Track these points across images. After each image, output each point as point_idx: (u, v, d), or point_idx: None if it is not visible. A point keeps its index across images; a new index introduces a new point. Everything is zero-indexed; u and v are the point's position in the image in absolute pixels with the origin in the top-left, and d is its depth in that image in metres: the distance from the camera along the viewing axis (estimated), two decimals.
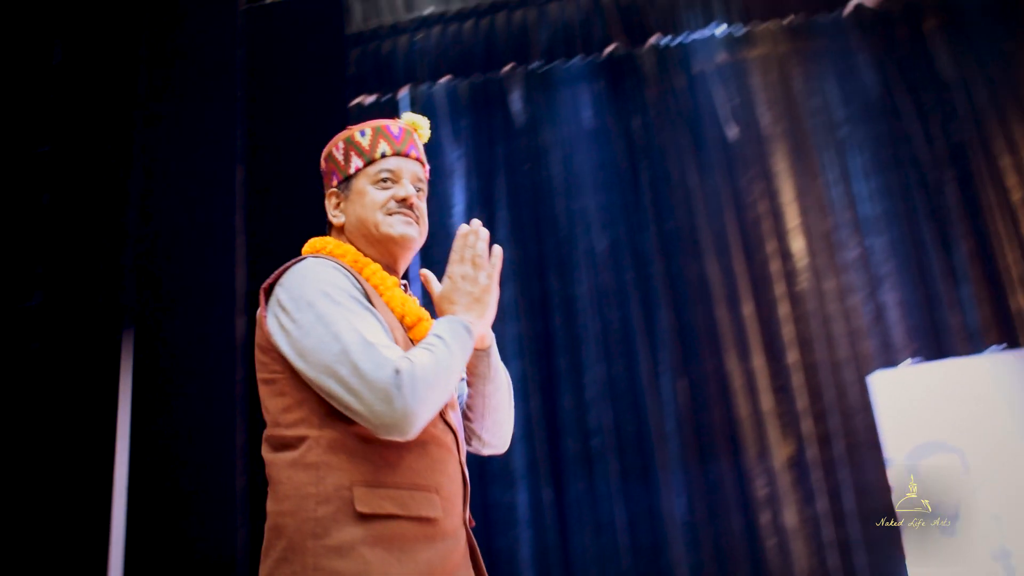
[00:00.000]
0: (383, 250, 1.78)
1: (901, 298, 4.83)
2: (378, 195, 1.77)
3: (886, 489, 4.36)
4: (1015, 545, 3.99)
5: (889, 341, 4.79)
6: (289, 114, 4.81)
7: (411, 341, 1.71)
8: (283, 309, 1.60)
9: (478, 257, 1.70)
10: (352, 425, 1.55)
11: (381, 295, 1.72)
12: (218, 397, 4.35)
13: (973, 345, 4.71)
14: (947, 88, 5.01)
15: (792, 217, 4.96)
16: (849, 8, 5.06)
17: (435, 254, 5.00)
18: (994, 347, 4.63)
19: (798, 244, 4.92)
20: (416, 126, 1.89)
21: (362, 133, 1.81)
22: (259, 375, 1.68)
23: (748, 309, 4.89)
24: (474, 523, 1.71)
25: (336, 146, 1.84)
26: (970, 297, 4.78)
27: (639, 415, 4.87)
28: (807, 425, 4.72)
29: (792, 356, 4.80)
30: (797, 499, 4.65)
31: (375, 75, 5.23)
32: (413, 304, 1.74)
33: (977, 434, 4.25)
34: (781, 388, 4.80)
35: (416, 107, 5.27)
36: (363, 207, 1.77)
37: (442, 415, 1.69)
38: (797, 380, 4.77)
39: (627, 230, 5.04)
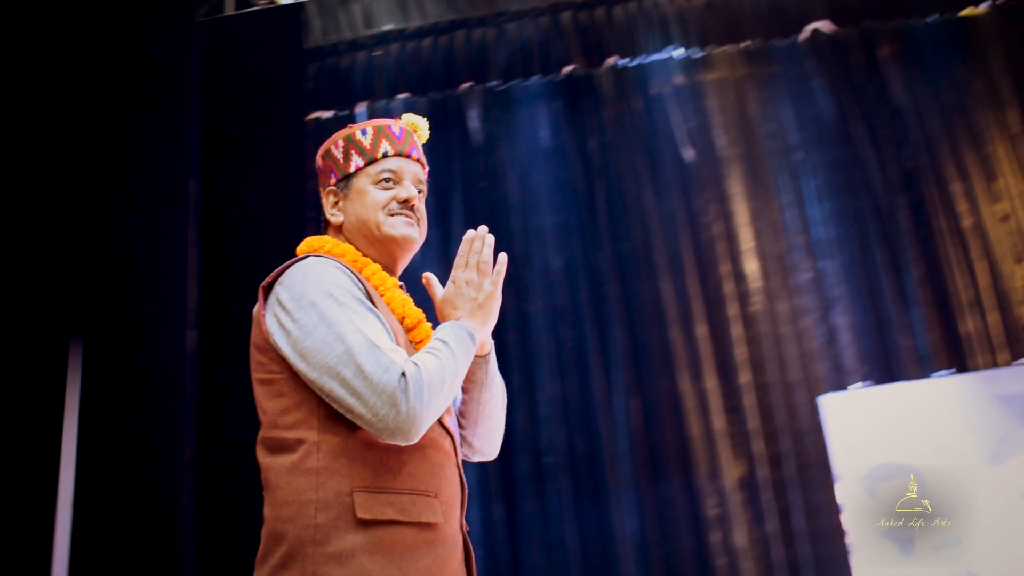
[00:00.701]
0: (383, 250, 1.84)
1: (852, 321, 5.11)
2: (380, 195, 1.82)
3: (835, 510, 4.63)
4: (980, 568, 4.25)
5: (840, 363, 5.06)
6: (245, 128, 5.02)
7: (411, 343, 1.77)
8: (283, 308, 1.64)
9: (483, 263, 1.78)
10: (353, 429, 1.59)
11: (382, 295, 1.77)
12: (167, 410, 4.53)
13: (923, 369, 4.99)
14: (900, 115, 5.33)
15: (746, 239, 5.24)
16: (805, 34, 5.38)
17: None
18: (943, 371, 4.93)
19: (752, 266, 5.20)
20: (416, 127, 1.96)
21: (363, 132, 1.87)
22: (255, 375, 1.71)
23: (701, 330, 5.16)
24: (468, 527, 1.76)
25: (335, 144, 1.89)
26: (920, 321, 5.07)
27: (592, 434, 5.11)
28: (758, 446, 4.97)
29: (744, 377, 5.06)
30: (747, 519, 4.89)
31: (332, 90, 5.48)
32: (413, 305, 1.81)
33: (928, 457, 4.52)
34: (733, 408, 5.06)
35: None
36: (364, 207, 1.82)
37: (440, 419, 1.74)
38: (749, 401, 5.03)
39: (583, 249, 5.31)
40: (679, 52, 5.40)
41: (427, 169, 1.95)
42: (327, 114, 5.47)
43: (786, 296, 5.17)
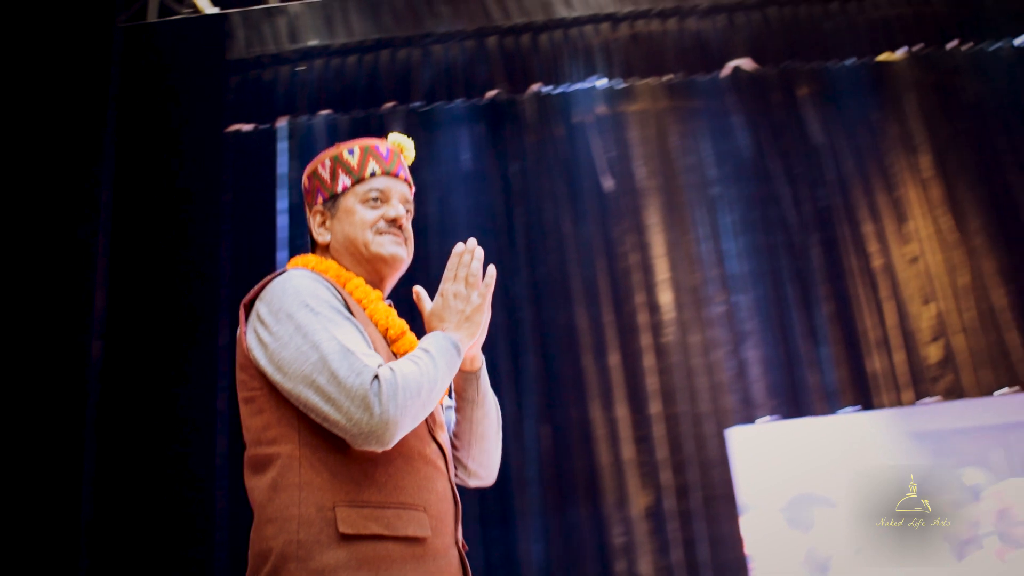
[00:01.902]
0: (370, 269, 1.96)
1: (763, 355, 5.62)
2: (368, 214, 1.95)
3: (739, 541, 5.10)
4: None
5: (749, 397, 5.56)
6: (163, 137, 5.39)
7: (394, 355, 1.86)
8: (262, 322, 1.75)
9: (471, 276, 1.90)
10: (335, 442, 1.68)
11: (364, 308, 1.88)
12: (68, 421, 4.84)
13: (829, 405, 5.51)
14: (817, 154, 5.91)
15: (662, 270, 5.75)
16: (726, 71, 5.94)
17: None
18: (849, 408, 5.46)
19: (666, 297, 5.70)
20: (402, 147, 2.10)
21: (350, 152, 2.00)
22: (240, 395, 1.82)
23: (614, 359, 5.63)
24: (467, 548, 1.86)
25: (322, 163, 2.02)
26: (829, 358, 5.60)
27: (501, 460, 5.51)
28: (666, 476, 5.44)
29: (655, 407, 5.53)
30: (653, 548, 5.33)
31: (254, 103, 5.88)
32: (397, 318, 1.92)
33: (840, 490, 5.00)
34: (642, 438, 5.52)
35: (294, 139, 5.92)
36: (352, 226, 1.94)
37: (431, 433, 1.85)
38: (658, 431, 5.49)
39: (499, 274, 5.71)
40: (602, 82, 5.93)
41: (414, 189, 2.10)
42: (247, 127, 5.85)
43: (698, 328, 5.67)
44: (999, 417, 5.30)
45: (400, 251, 1.98)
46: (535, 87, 5.93)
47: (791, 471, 5.13)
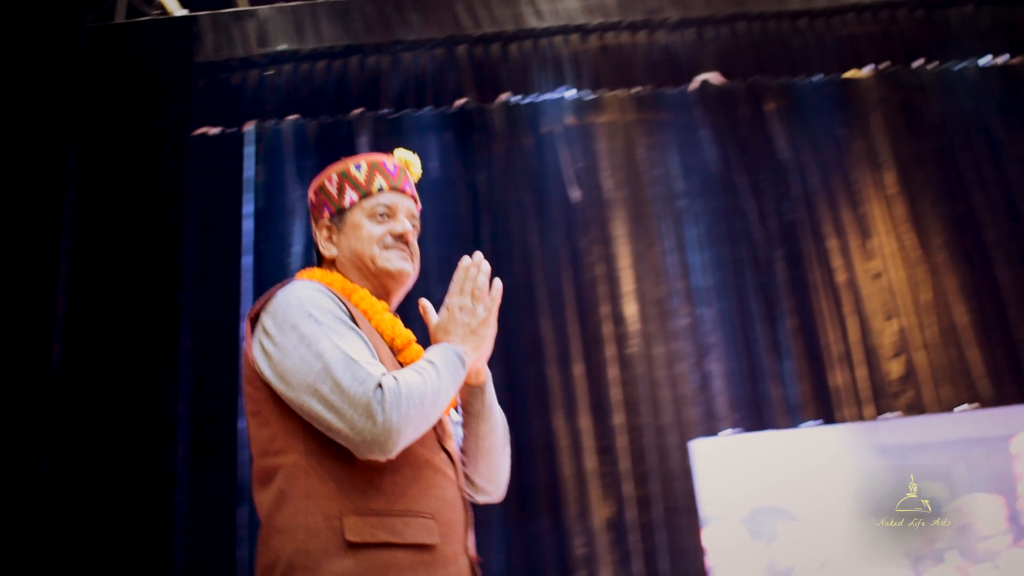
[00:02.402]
0: (377, 283, 2.03)
1: (726, 368, 5.84)
2: (375, 229, 2.03)
3: (700, 553, 5.30)
4: None
5: (712, 410, 5.78)
6: (129, 138, 5.55)
7: (400, 364, 1.92)
8: (267, 334, 1.82)
9: (477, 289, 1.95)
10: (340, 451, 1.74)
11: (370, 319, 1.95)
12: (27, 424, 4.98)
13: (791, 418, 5.74)
14: (783, 169, 6.16)
15: (627, 282, 5.96)
16: (695, 84, 6.18)
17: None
18: (811, 422, 5.69)
19: (631, 309, 5.91)
20: (408, 163, 2.18)
21: (357, 167, 2.09)
22: (247, 409, 1.89)
23: (578, 369, 5.83)
24: (480, 559, 1.94)
25: (329, 178, 2.11)
26: (791, 372, 5.83)
27: None
28: (628, 487, 5.63)
29: (618, 418, 5.73)
30: (614, 560, 5.52)
31: (221, 107, 6.03)
32: (403, 328, 2.00)
33: (801, 504, 5.21)
34: (605, 449, 5.71)
35: (261, 143, 6.10)
36: (359, 240, 2.02)
37: (440, 442, 1.92)
38: (621, 442, 5.69)
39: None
40: (571, 93, 6.15)
41: (420, 205, 2.19)
42: (214, 130, 6.01)
43: (663, 340, 5.88)
44: (960, 433, 5.52)
45: (407, 266, 2.06)
46: (504, 96, 6.14)
47: (753, 484, 5.33)
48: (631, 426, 5.73)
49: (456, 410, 2.15)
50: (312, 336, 1.75)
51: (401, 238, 2.05)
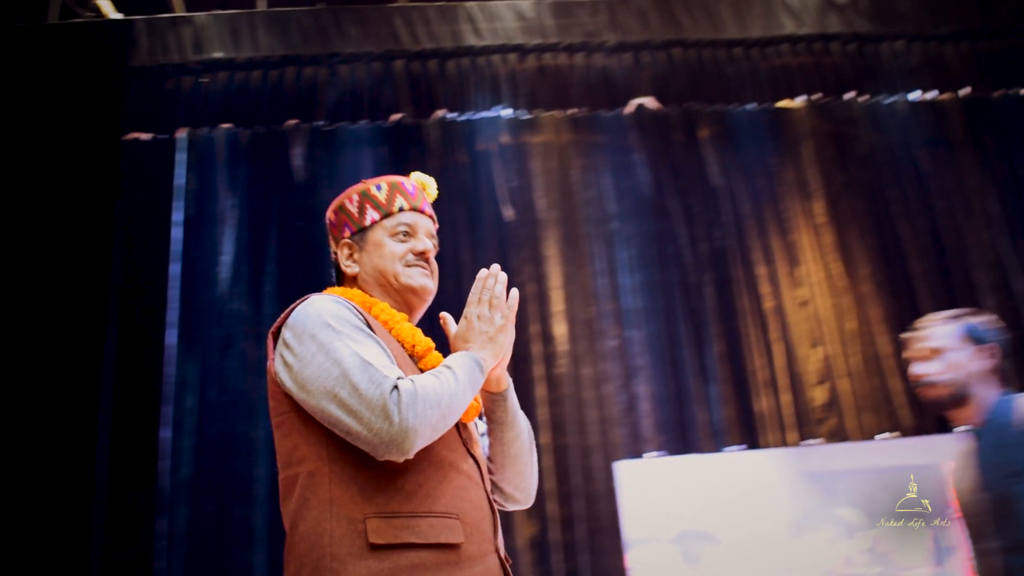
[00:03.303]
0: (399, 300, 2.20)
1: (653, 391, 6.23)
2: (397, 247, 2.20)
3: (623, 574, 5.62)
4: None
5: (638, 432, 6.14)
6: (58, 141, 5.77)
7: (421, 371, 2.06)
8: (287, 346, 1.97)
9: (495, 298, 2.14)
10: (362, 457, 1.87)
11: (390, 329, 2.10)
12: None
13: (716, 443, 6.13)
14: (714, 195, 6.61)
15: (557, 302, 6.34)
16: (630, 107, 6.61)
17: (198, 301, 6.05)
18: (735, 446, 6.08)
19: (560, 329, 6.29)
20: (425, 185, 2.37)
21: (378, 188, 2.26)
22: (272, 421, 2.03)
23: None
24: (510, 561, 2.06)
25: (349, 198, 2.28)
26: (717, 396, 6.24)
27: None
28: (552, 507, 5.96)
29: (544, 437, 6.07)
30: None
31: (154, 112, 6.28)
32: (423, 336, 2.13)
33: (726, 527, 5.57)
34: None
35: (194, 150, 6.37)
36: (381, 258, 2.19)
37: (466, 446, 2.07)
38: (547, 462, 6.01)
39: None
40: (507, 112, 6.55)
41: (437, 225, 2.36)
42: (145, 136, 6.28)
43: (591, 361, 6.26)
44: (880, 461, 5.92)
45: (429, 283, 2.24)
46: (440, 113, 6.51)
47: (677, 507, 5.66)
48: (557, 446, 6.05)
49: (481, 418, 2.31)
50: (330, 344, 1.90)
51: (422, 256, 2.23)
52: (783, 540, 5.54)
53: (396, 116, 6.48)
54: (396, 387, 1.84)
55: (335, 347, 1.89)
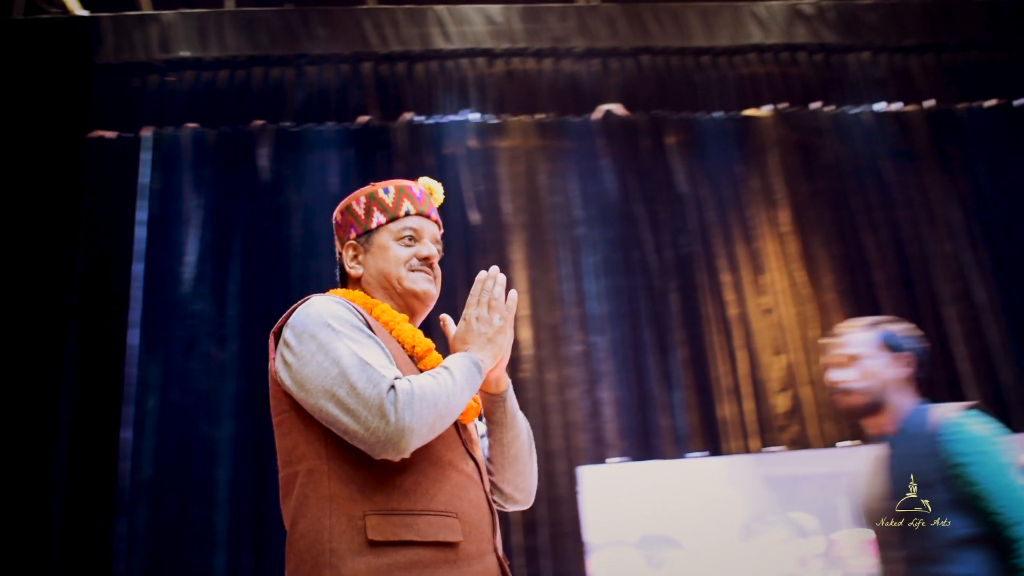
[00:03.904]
0: (402, 303, 2.25)
1: (617, 397, 6.34)
2: (401, 251, 2.24)
3: None
4: None
5: (601, 437, 6.25)
6: (22, 137, 5.80)
7: (421, 372, 2.11)
8: (287, 346, 2.01)
9: (494, 300, 2.17)
10: (360, 455, 1.92)
11: (391, 330, 2.15)
12: None
13: (679, 448, 6.24)
14: (680, 202, 6.74)
15: (523, 307, 6.43)
16: (598, 113, 6.74)
17: (161, 302, 6.10)
18: (697, 453, 6.19)
19: (525, 334, 6.38)
20: (432, 190, 2.40)
21: (385, 191, 2.31)
22: (273, 420, 2.08)
23: None
24: (508, 561, 2.09)
25: (357, 200, 2.32)
26: (680, 403, 6.36)
27: None
28: (514, 511, 6.04)
29: None
30: None
31: (119, 111, 6.34)
32: (423, 337, 2.18)
33: (686, 531, 5.67)
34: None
35: (159, 149, 6.42)
36: (386, 261, 2.24)
37: (466, 447, 2.12)
38: None
39: None
40: (475, 116, 6.66)
41: (442, 230, 2.41)
42: (110, 134, 6.34)
43: (555, 366, 6.36)
44: (841, 468, 6.02)
45: (432, 288, 2.28)
46: (407, 116, 6.60)
47: (639, 512, 5.76)
48: None
49: (480, 419, 2.35)
50: (329, 344, 1.95)
51: (426, 261, 2.28)
52: (742, 545, 5.65)
53: (363, 118, 6.58)
54: (393, 386, 1.89)
55: (334, 347, 1.94)
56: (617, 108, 6.74)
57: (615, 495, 5.84)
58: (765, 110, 6.94)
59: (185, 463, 5.85)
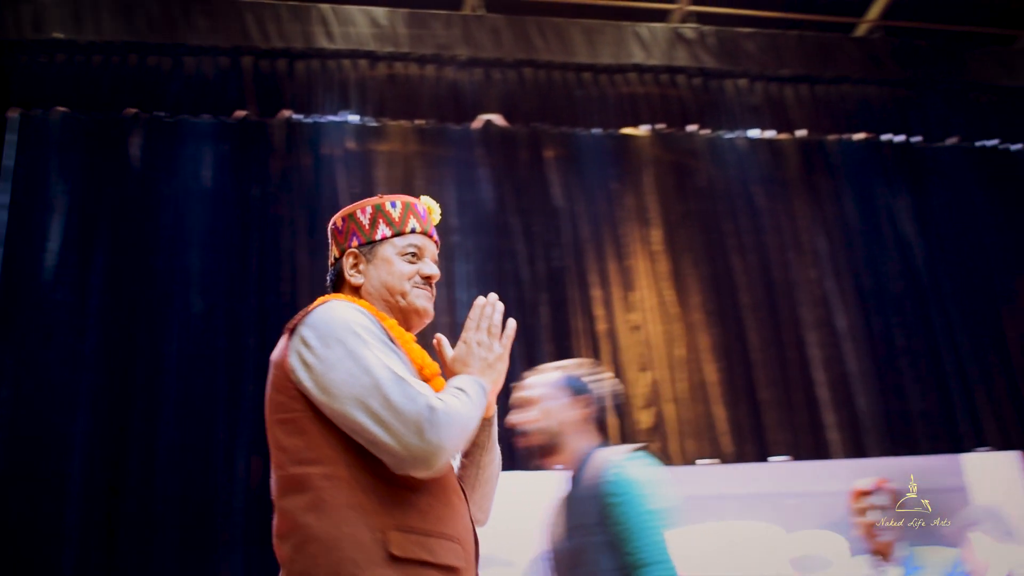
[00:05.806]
0: (400, 318, 2.30)
1: None
2: (405, 267, 2.31)
3: None
4: None
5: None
6: None
7: None
8: (307, 346, 2.05)
9: (494, 327, 2.24)
10: (380, 467, 1.98)
11: (401, 347, 2.19)
12: None
13: (534, 462, 6.50)
14: (555, 215, 7.10)
15: None
16: (478, 123, 7.07)
17: (20, 289, 6.15)
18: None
19: None
20: (432, 209, 2.47)
21: (392, 204, 2.36)
22: (273, 416, 2.11)
23: None
24: None
25: (362, 209, 2.37)
26: None
27: (208, 487, 6.05)
28: None
29: None
30: None
31: None
32: (431, 359, 2.27)
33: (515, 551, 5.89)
34: None
35: (25, 131, 6.48)
36: (390, 274, 2.30)
37: (454, 471, 2.20)
38: None
39: (227, 297, 6.46)
40: (354, 118, 6.92)
41: (439, 248, 2.49)
42: None
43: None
44: (700, 488, 6.38)
45: (430, 306, 2.36)
46: (286, 113, 6.84)
47: (489, 526, 5.97)
48: None
49: None
50: (358, 351, 2.00)
51: (428, 280, 2.35)
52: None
53: (241, 113, 6.78)
54: (431, 405, 1.94)
55: (364, 355, 2.00)
56: (497, 119, 7.08)
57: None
58: (643, 129, 7.37)
59: (36, 456, 5.87)
